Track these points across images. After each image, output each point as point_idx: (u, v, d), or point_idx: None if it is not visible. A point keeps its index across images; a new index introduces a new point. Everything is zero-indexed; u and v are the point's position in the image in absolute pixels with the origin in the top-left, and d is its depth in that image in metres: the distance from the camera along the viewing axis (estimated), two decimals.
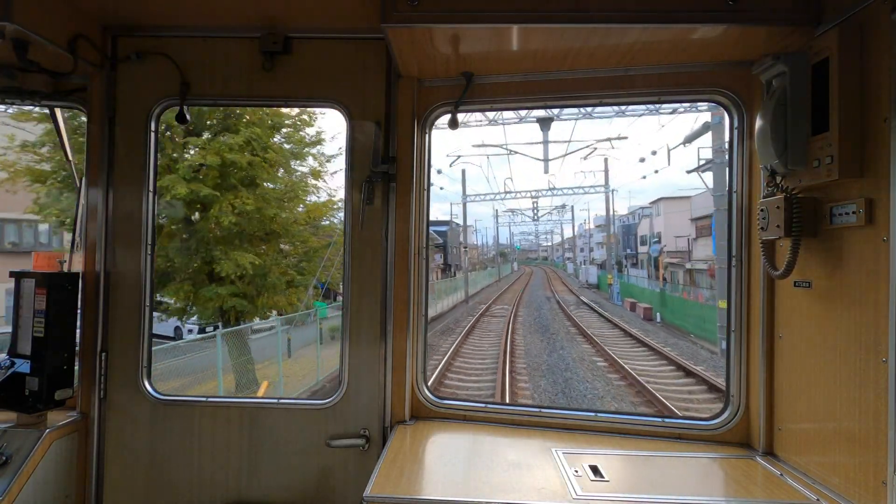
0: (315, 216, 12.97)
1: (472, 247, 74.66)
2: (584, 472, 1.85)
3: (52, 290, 2.22)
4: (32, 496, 2.07)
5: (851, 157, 1.61)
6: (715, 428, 2.18)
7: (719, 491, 1.84)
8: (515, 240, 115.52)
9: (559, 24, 1.84)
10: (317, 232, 13.08)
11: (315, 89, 2.38)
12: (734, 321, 2.18)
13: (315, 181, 12.90)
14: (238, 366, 11.68)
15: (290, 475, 2.33)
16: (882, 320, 1.52)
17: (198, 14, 2.28)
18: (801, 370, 1.88)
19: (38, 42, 2.00)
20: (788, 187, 1.84)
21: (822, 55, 1.69)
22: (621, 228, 60.69)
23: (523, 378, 12.75)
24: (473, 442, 2.15)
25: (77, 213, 2.46)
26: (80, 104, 2.42)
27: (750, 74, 2.01)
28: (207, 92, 2.40)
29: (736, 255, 2.18)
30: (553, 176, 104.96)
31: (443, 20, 1.84)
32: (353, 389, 2.34)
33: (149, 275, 2.41)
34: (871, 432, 1.55)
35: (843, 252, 1.68)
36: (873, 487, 1.54)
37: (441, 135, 68.33)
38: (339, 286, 15.49)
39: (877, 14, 1.56)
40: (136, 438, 2.37)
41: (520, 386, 12.05)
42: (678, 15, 1.80)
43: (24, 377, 2.19)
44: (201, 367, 11.35)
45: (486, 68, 2.28)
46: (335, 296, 24.98)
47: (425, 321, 2.43)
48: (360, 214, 2.34)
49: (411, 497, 1.68)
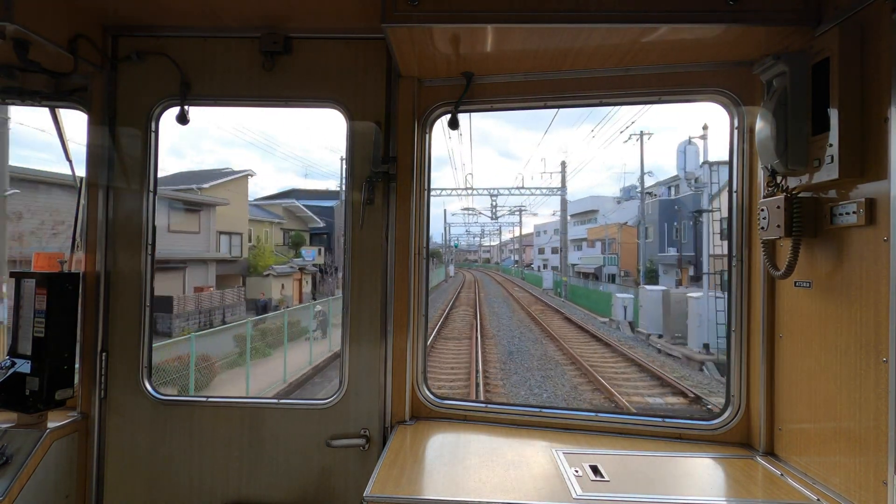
0: None
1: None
2: (585, 472, 1.85)
3: (52, 290, 2.22)
4: (33, 496, 2.07)
5: (852, 157, 1.60)
6: (715, 428, 2.18)
7: (720, 491, 1.84)
8: (453, 237, 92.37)
9: (559, 24, 1.84)
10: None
11: (315, 89, 2.38)
12: (734, 321, 2.18)
13: None
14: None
15: (290, 475, 2.33)
16: (882, 320, 1.52)
17: (198, 14, 2.28)
18: (802, 370, 1.88)
19: (39, 42, 2.00)
20: (789, 187, 1.84)
21: (823, 55, 1.69)
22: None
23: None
24: (474, 442, 2.15)
25: (77, 213, 2.46)
26: (81, 104, 2.42)
27: (750, 74, 2.01)
28: (208, 92, 2.40)
29: (736, 255, 2.18)
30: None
31: (443, 20, 1.84)
32: (353, 389, 2.34)
33: (149, 275, 2.41)
34: (872, 432, 1.55)
35: (844, 252, 1.68)
36: (874, 487, 1.54)
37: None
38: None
39: (877, 14, 1.56)
40: (136, 438, 2.38)
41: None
42: (678, 15, 1.79)
43: (24, 377, 2.19)
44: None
45: (486, 68, 2.28)
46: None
47: (425, 321, 2.43)
48: (360, 214, 2.34)
49: (411, 497, 1.68)
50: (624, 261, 45.33)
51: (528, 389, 12.26)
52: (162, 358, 11.38)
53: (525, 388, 12.33)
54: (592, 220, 59.96)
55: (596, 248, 53.92)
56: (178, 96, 2.37)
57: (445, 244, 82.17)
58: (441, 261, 71.78)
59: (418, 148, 2.35)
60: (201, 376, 12.19)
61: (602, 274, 46.75)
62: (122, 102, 2.40)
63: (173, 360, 11.58)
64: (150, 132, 2.40)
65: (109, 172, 2.39)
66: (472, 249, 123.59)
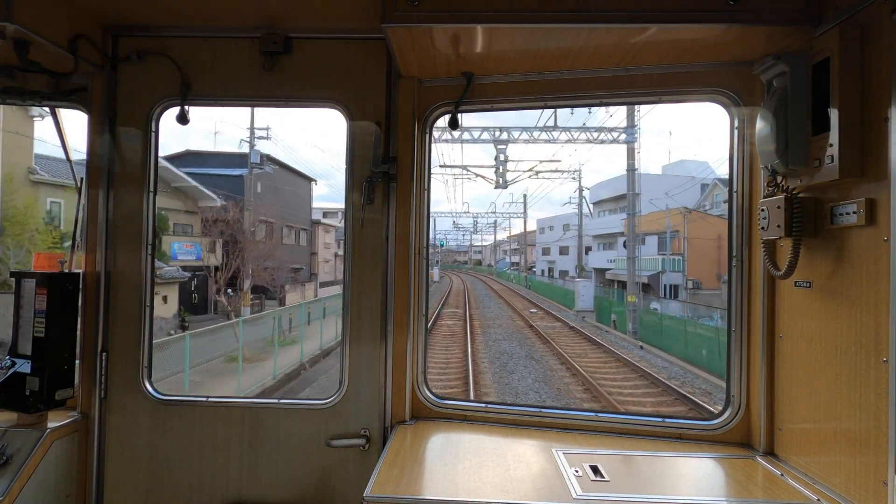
0: None
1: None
2: (585, 472, 1.85)
3: (52, 290, 2.22)
4: (33, 496, 2.07)
5: (852, 157, 1.60)
6: (715, 428, 2.18)
7: (720, 491, 1.83)
8: (439, 233, 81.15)
9: (559, 24, 1.84)
10: None
11: (315, 89, 2.38)
12: (734, 321, 2.18)
13: None
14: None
15: (291, 475, 2.33)
16: (882, 320, 1.52)
17: (198, 14, 2.28)
18: (802, 370, 1.88)
19: (39, 42, 2.00)
20: (789, 187, 1.84)
21: (823, 55, 1.69)
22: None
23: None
24: (474, 442, 2.15)
25: (77, 213, 2.46)
26: (81, 104, 2.42)
27: (750, 74, 2.01)
28: (208, 92, 2.40)
29: (736, 255, 2.17)
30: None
31: (443, 20, 1.84)
32: (353, 389, 2.34)
33: (149, 275, 2.41)
34: (872, 432, 1.55)
35: (844, 252, 1.68)
36: (874, 488, 1.54)
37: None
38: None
39: (877, 14, 1.56)
40: (136, 438, 2.38)
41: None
42: (679, 15, 1.79)
43: (24, 377, 2.19)
44: None
45: (486, 68, 2.28)
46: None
47: (425, 321, 2.43)
48: (360, 214, 2.34)
49: (412, 497, 1.68)
50: (692, 266, 30.55)
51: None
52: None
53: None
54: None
55: (646, 244, 35.51)
56: (179, 96, 2.37)
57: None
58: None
59: (418, 148, 2.35)
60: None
61: (659, 284, 30.69)
62: (122, 102, 2.40)
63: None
64: (150, 132, 2.40)
65: (109, 172, 2.39)
66: (461, 249, 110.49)
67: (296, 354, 15.73)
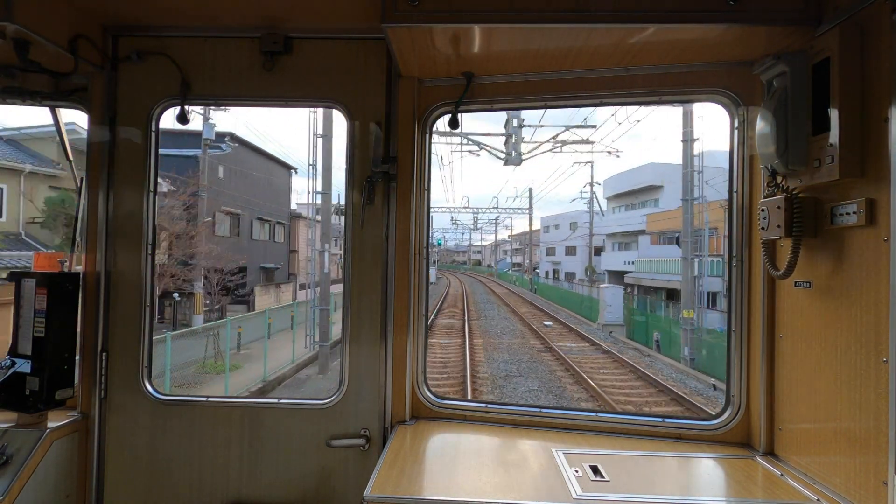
0: None
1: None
2: (585, 472, 1.85)
3: (52, 290, 2.22)
4: (33, 496, 2.07)
5: (852, 157, 1.60)
6: (715, 428, 2.18)
7: (720, 491, 1.84)
8: (436, 231, 77.32)
9: (559, 24, 1.84)
10: None
11: (315, 89, 2.38)
12: (734, 321, 2.18)
13: None
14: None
15: (290, 475, 2.33)
16: (882, 320, 1.52)
17: (198, 14, 2.28)
18: (802, 370, 1.88)
19: (39, 42, 2.00)
20: (789, 187, 1.84)
21: (823, 55, 1.69)
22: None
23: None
24: (474, 442, 2.15)
25: (77, 213, 2.46)
26: (81, 104, 2.42)
27: (750, 74, 2.01)
28: (208, 92, 2.40)
29: (736, 255, 2.17)
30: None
31: (443, 20, 1.84)
32: (353, 389, 2.34)
33: (149, 275, 2.41)
34: (872, 432, 1.55)
35: (844, 252, 1.68)
36: (874, 488, 1.54)
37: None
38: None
39: (877, 14, 1.56)
40: (136, 438, 2.38)
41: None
42: (679, 15, 1.79)
43: (24, 377, 2.19)
44: None
45: (486, 68, 2.28)
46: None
47: (425, 321, 2.43)
48: (360, 214, 2.34)
49: (412, 497, 1.68)
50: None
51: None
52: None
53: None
54: (652, 202, 39.74)
55: (665, 244, 32.62)
56: (179, 96, 2.37)
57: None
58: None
59: (418, 148, 2.35)
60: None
61: (696, 289, 22.21)
62: (122, 102, 2.40)
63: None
64: (151, 132, 2.40)
65: (109, 172, 2.39)
66: (460, 249, 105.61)
67: (226, 384, 12.11)
